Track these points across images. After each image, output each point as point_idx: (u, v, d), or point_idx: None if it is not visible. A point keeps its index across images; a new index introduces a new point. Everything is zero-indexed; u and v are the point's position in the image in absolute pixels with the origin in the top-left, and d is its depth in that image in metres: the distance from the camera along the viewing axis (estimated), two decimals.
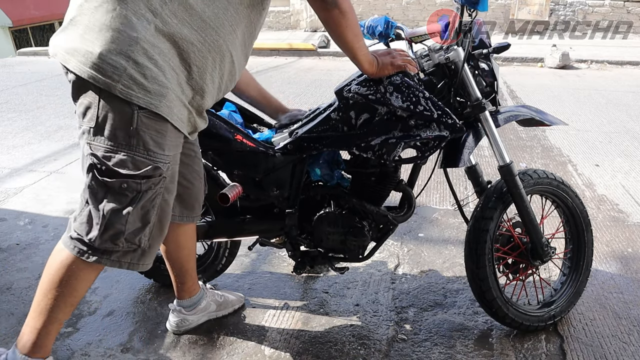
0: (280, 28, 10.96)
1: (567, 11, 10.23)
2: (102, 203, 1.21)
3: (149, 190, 1.23)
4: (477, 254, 1.64)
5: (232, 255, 1.98)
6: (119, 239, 1.24)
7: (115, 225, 1.22)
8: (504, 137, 3.93)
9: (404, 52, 1.52)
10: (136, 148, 1.18)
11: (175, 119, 1.21)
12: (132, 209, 1.22)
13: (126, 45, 1.10)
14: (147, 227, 1.28)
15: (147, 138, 1.18)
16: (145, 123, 1.17)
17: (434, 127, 1.49)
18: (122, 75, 1.11)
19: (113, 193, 1.20)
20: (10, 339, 1.77)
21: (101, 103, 1.14)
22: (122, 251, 1.27)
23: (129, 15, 1.10)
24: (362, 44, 1.39)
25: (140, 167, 1.19)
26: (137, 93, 1.13)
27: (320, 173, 1.70)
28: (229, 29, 1.22)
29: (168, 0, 1.12)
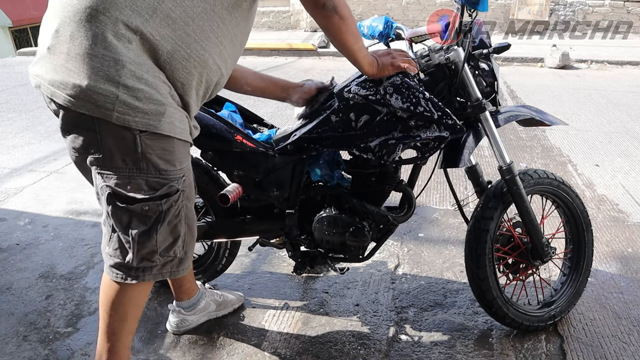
0: (280, 28, 10.96)
1: (567, 11, 10.23)
2: (129, 227, 1.20)
3: (171, 208, 1.22)
4: (478, 253, 1.64)
5: (232, 256, 1.98)
6: (154, 256, 1.24)
7: (147, 245, 1.22)
8: (504, 137, 3.93)
9: (404, 53, 1.52)
10: (147, 171, 1.16)
11: (179, 132, 1.18)
12: (159, 227, 1.21)
13: (113, 71, 1.05)
14: (179, 239, 1.28)
15: (156, 159, 1.16)
16: (149, 145, 1.14)
17: (434, 128, 1.49)
18: (115, 102, 1.07)
19: (137, 216, 1.19)
20: (10, 339, 1.77)
21: (101, 133, 1.11)
22: (161, 264, 1.28)
23: (108, 37, 1.05)
24: (362, 46, 1.39)
25: (156, 188, 1.18)
26: (134, 117, 1.09)
27: (321, 173, 1.70)
28: (215, 41, 1.17)
29: (149, 17, 1.07)
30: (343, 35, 1.32)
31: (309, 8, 1.27)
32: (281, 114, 4.63)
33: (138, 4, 1.07)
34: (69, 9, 1.07)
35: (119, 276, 1.27)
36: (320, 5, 1.24)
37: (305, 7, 1.27)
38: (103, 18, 1.05)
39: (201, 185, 1.79)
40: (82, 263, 2.25)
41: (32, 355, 1.70)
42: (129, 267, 1.25)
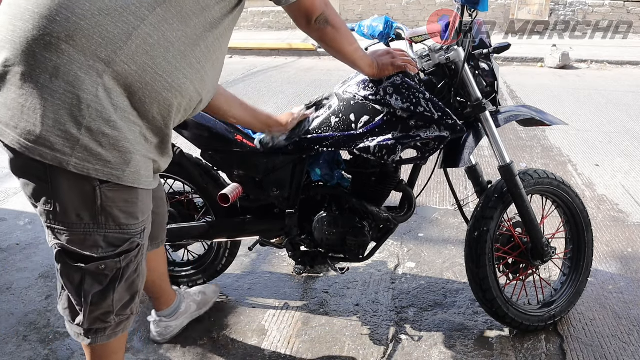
0: (280, 28, 10.96)
1: (567, 11, 10.23)
2: (82, 288, 1.08)
3: (131, 264, 1.10)
4: (478, 253, 1.64)
5: (232, 256, 1.98)
6: (109, 317, 1.13)
7: (102, 306, 1.11)
8: (504, 137, 3.93)
9: (403, 52, 1.52)
10: (106, 226, 1.03)
11: (144, 182, 1.04)
12: (117, 286, 1.10)
13: (76, 110, 0.90)
14: (137, 295, 1.18)
15: (117, 212, 1.03)
16: (110, 197, 1.01)
17: (435, 128, 1.49)
18: (74, 147, 0.92)
19: (91, 275, 1.06)
20: (10, 339, 1.77)
21: (54, 182, 0.96)
22: (115, 324, 1.16)
23: (72, 70, 0.89)
24: (358, 48, 1.38)
25: (116, 244, 1.06)
26: (94, 166, 0.94)
27: (321, 173, 1.70)
28: (197, 66, 1.04)
29: (123, 44, 0.91)
30: (338, 43, 1.32)
31: (302, 25, 1.25)
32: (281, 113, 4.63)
33: (109, 29, 0.90)
34: (22, 36, 0.90)
35: (72, 332, 1.18)
36: (313, 21, 1.23)
37: (298, 25, 1.26)
38: (66, 47, 0.89)
39: (201, 185, 1.79)
40: None
41: (32, 355, 1.70)
42: (78, 327, 1.15)
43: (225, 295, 2.03)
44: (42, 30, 0.89)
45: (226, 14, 1.08)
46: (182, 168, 1.76)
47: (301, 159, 1.65)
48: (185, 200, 1.92)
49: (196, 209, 1.93)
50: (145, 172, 1.04)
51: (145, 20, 0.94)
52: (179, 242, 1.89)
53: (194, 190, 1.86)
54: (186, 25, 1.00)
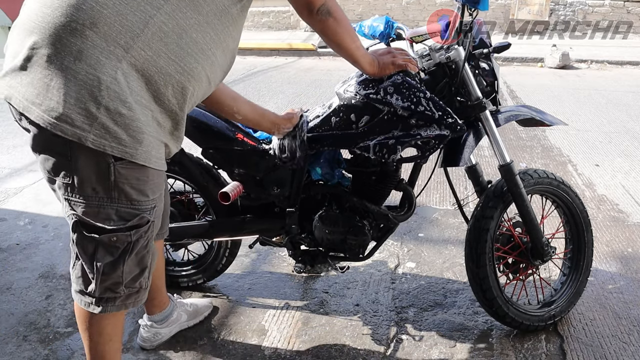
0: (280, 28, 10.96)
1: (567, 11, 10.23)
2: (95, 258, 1.14)
3: (141, 239, 1.16)
4: (478, 253, 1.64)
5: (233, 255, 1.98)
6: (118, 287, 1.19)
7: (112, 276, 1.16)
8: (504, 137, 3.93)
9: (404, 51, 1.52)
10: (119, 200, 1.10)
11: (154, 162, 1.11)
12: (127, 258, 1.16)
13: (95, 91, 0.98)
14: (146, 270, 1.23)
15: (128, 189, 1.09)
16: (123, 174, 1.07)
17: (435, 127, 1.49)
18: (92, 124, 0.99)
19: (104, 246, 1.13)
20: (10, 339, 1.77)
21: (73, 157, 1.04)
22: (125, 295, 1.22)
23: (95, 54, 0.97)
24: (360, 46, 1.39)
25: (126, 218, 1.12)
26: (110, 143, 1.02)
27: (321, 172, 1.70)
28: (208, 53, 1.11)
29: (140, 32, 0.99)
30: (340, 36, 1.32)
31: (304, 15, 1.27)
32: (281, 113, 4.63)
33: (129, 18, 0.98)
34: (50, 22, 0.98)
35: (82, 302, 1.22)
36: (314, 11, 1.24)
37: (300, 14, 1.28)
38: (89, 33, 0.97)
39: (202, 184, 1.79)
40: None
41: (32, 355, 1.70)
42: (89, 295, 1.20)
43: (225, 295, 2.03)
44: (69, 17, 0.97)
45: (235, 2, 1.14)
46: (182, 167, 1.76)
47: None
48: (186, 200, 1.92)
49: (196, 208, 1.93)
50: (156, 153, 1.11)
51: (161, 9, 1.01)
52: (179, 241, 1.89)
53: (195, 190, 1.86)
54: (198, 13, 1.06)
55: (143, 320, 1.74)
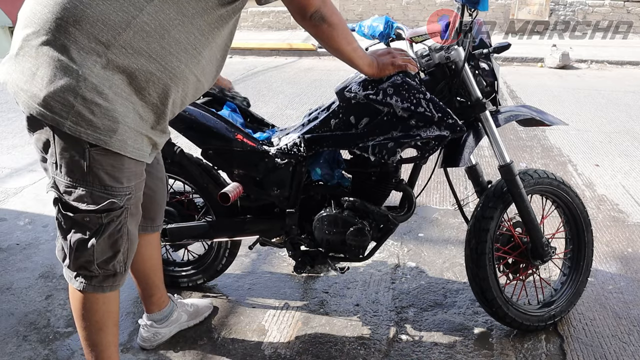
0: (280, 28, 10.96)
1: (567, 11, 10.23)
2: (69, 234, 1.22)
3: (112, 223, 1.22)
4: (478, 253, 1.64)
5: (233, 255, 1.98)
6: (91, 266, 1.25)
7: (84, 254, 1.23)
8: (504, 137, 3.93)
9: (404, 52, 1.52)
10: (92, 184, 1.16)
11: (131, 151, 1.17)
12: (96, 240, 1.21)
13: (74, 82, 1.05)
14: (119, 254, 1.27)
15: (102, 174, 1.16)
16: (97, 160, 1.14)
17: (435, 127, 1.49)
18: (69, 112, 1.07)
19: (78, 225, 1.21)
20: (10, 339, 1.77)
21: (56, 139, 1.12)
22: (101, 276, 1.28)
23: (75, 49, 1.05)
24: (356, 48, 1.38)
25: (98, 202, 1.18)
26: (85, 130, 1.09)
27: (321, 173, 1.70)
28: (192, 52, 1.15)
29: (122, 30, 1.06)
30: (334, 41, 1.32)
31: (297, 19, 1.28)
32: (281, 113, 4.64)
33: (111, 17, 1.05)
34: (41, 17, 1.06)
35: (66, 276, 1.30)
36: (307, 17, 1.25)
37: (294, 18, 1.28)
38: (73, 30, 1.04)
39: (201, 185, 1.79)
40: None
41: (32, 355, 1.70)
42: (69, 269, 1.28)
43: (225, 295, 2.03)
44: (56, 14, 1.05)
45: (224, 4, 1.17)
46: (182, 167, 1.76)
47: (301, 158, 1.65)
48: (186, 200, 1.92)
49: (196, 208, 1.93)
50: (132, 143, 1.17)
51: (144, 10, 1.07)
52: (179, 241, 1.89)
53: (194, 190, 1.86)
54: (182, 15, 1.11)
55: (143, 320, 1.73)
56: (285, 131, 1.72)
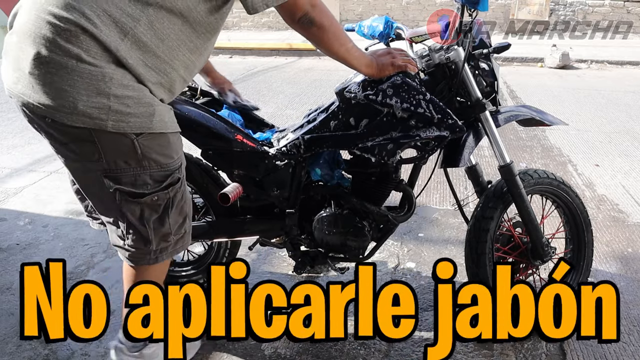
0: (280, 28, 10.96)
1: (567, 11, 10.24)
2: (143, 218, 1.29)
3: (177, 193, 1.32)
4: (478, 253, 1.64)
5: (232, 256, 1.98)
6: (169, 237, 1.35)
7: (162, 230, 1.33)
8: (504, 137, 3.93)
9: (404, 52, 1.52)
10: (150, 167, 1.24)
11: (170, 126, 1.26)
12: (170, 212, 1.32)
13: (102, 84, 1.11)
14: (187, 217, 1.40)
15: (156, 156, 1.24)
16: (147, 145, 1.21)
17: (434, 128, 1.49)
18: (108, 112, 1.13)
19: (148, 207, 1.28)
20: (10, 339, 1.77)
21: (101, 141, 1.17)
22: (174, 242, 1.38)
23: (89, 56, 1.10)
24: (351, 48, 1.37)
25: (161, 180, 1.27)
26: (127, 123, 1.15)
27: (321, 173, 1.70)
28: (182, 58, 1.23)
29: (120, 40, 1.11)
30: (325, 44, 1.33)
31: (287, 22, 1.29)
32: (281, 113, 4.63)
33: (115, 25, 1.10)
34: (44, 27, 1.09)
35: (140, 262, 1.37)
36: (296, 20, 1.25)
37: (284, 20, 1.29)
38: (83, 37, 1.09)
39: (201, 185, 1.79)
40: (82, 263, 2.25)
41: (32, 355, 1.70)
42: (148, 251, 1.35)
43: None
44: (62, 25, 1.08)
45: (213, 12, 1.22)
46: None
47: (301, 158, 1.65)
48: None
49: (196, 208, 1.93)
50: (169, 119, 1.26)
51: (140, 20, 1.12)
52: None
53: (194, 190, 1.86)
54: (174, 24, 1.17)
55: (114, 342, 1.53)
56: (285, 131, 1.72)
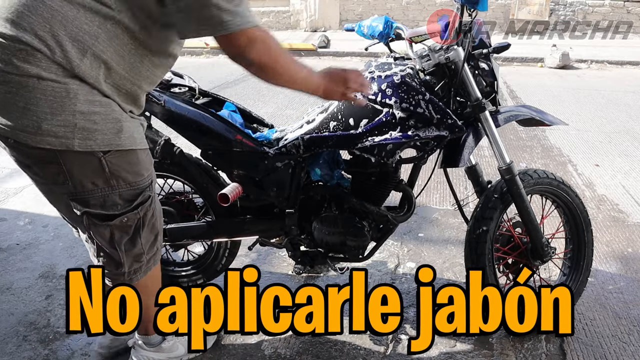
0: (280, 28, 10.96)
1: (567, 11, 10.23)
2: (114, 241, 1.27)
3: (147, 212, 1.28)
4: (477, 253, 1.64)
5: (232, 255, 1.98)
6: (141, 257, 1.34)
7: (133, 251, 1.31)
8: (504, 137, 3.93)
9: (360, 77, 1.38)
10: (119, 186, 1.20)
11: (139, 143, 1.23)
12: (142, 232, 1.29)
13: (67, 101, 1.07)
14: (159, 234, 1.37)
15: (124, 174, 1.20)
16: (115, 163, 1.17)
17: (434, 128, 1.49)
18: (74, 130, 1.09)
19: (118, 229, 1.25)
20: (10, 339, 1.77)
21: (66, 162, 1.13)
22: (146, 260, 1.37)
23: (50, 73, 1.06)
24: (296, 77, 1.27)
25: (131, 199, 1.23)
26: (95, 140, 1.12)
27: (320, 173, 1.70)
28: (145, 73, 1.20)
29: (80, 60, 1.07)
30: (270, 80, 1.23)
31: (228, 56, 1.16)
32: (281, 113, 4.63)
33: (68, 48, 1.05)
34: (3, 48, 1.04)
35: (115, 282, 1.37)
36: (232, 57, 1.15)
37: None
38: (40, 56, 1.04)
39: (201, 185, 1.79)
40: (82, 263, 2.25)
41: (32, 355, 1.70)
42: (121, 273, 1.34)
43: None
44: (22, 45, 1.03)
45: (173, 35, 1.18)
46: (181, 168, 1.76)
47: (301, 158, 1.65)
48: (185, 200, 1.92)
49: (196, 208, 1.93)
50: (138, 135, 1.22)
51: (99, 37, 1.07)
52: (178, 241, 1.89)
53: (194, 190, 1.86)
54: (135, 40, 1.13)
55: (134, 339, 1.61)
56: (284, 132, 1.72)
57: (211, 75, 6.64)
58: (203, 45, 8.23)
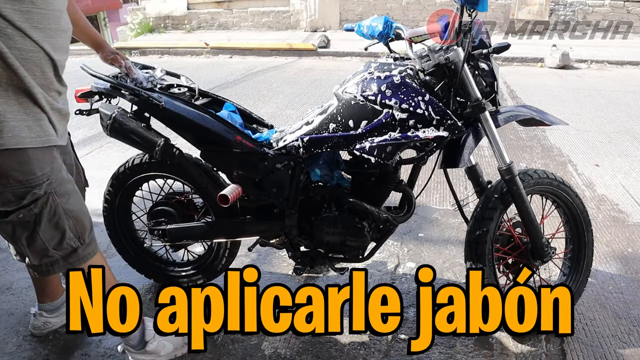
0: (280, 28, 10.95)
1: (567, 11, 10.23)
2: (15, 236, 1.31)
3: (44, 209, 1.29)
4: (477, 253, 1.64)
5: (232, 256, 1.98)
6: (48, 252, 1.34)
7: (35, 246, 1.32)
8: (504, 137, 3.93)
9: None
10: (9, 184, 1.22)
11: (29, 142, 1.21)
12: (40, 228, 1.29)
13: None
14: (67, 232, 1.35)
15: (12, 172, 1.21)
16: (2, 162, 1.19)
17: (434, 128, 1.49)
18: None
19: (17, 225, 1.28)
20: (10, 339, 1.77)
21: None
22: (62, 256, 1.37)
23: None
24: None
25: (22, 197, 1.25)
26: None
27: (320, 173, 1.70)
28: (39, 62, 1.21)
29: None
30: None
31: None
32: (281, 113, 4.63)
33: None
34: None
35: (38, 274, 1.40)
36: None
37: None
38: None
39: (201, 186, 1.79)
40: None
41: (32, 355, 1.70)
42: (31, 266, 1.38)
43: None
44: None
45: None
46: (181, 168, 1.76)
47: (301, 159, 1.65)
48: (185, 201, 1.92)
49: (196, 209, 1.93)
50: (29, 133, 1.21)
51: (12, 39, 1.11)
52: (178, 242, 1.89)
53: (194, 191, 1.86)
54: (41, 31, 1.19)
55: (34, 309, 1.77)
56: (284, 132, 1.72)
57: (211, 75, 6.64)
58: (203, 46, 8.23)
